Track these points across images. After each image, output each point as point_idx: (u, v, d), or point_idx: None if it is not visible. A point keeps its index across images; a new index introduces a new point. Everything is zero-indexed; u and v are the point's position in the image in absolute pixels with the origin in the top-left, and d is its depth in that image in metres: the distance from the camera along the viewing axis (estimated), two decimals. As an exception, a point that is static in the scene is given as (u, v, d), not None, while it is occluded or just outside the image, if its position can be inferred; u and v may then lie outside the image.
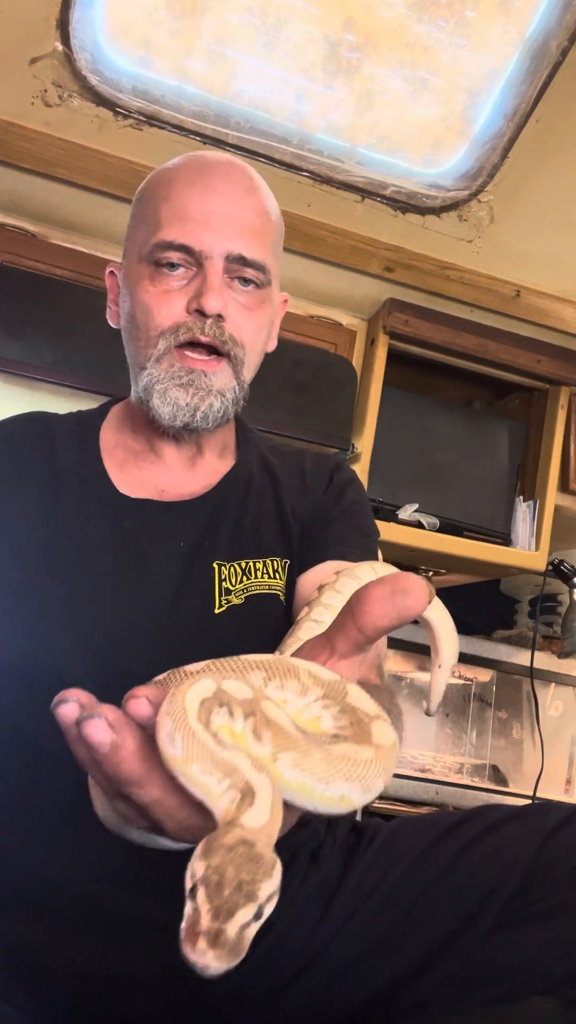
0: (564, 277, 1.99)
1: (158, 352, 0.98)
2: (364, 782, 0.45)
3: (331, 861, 0.98)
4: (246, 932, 0.39)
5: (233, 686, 0.45)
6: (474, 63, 1.66)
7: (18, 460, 1.04)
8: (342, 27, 1.60)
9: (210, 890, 0.39)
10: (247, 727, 0.45)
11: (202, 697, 0.45)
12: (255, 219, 1.00)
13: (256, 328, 1.01)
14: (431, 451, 2.10)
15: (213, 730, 0.44)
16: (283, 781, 0.44)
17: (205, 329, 0.97)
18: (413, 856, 0.96)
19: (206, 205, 0.98)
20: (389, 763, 0.46)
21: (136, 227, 1.04)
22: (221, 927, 0.38)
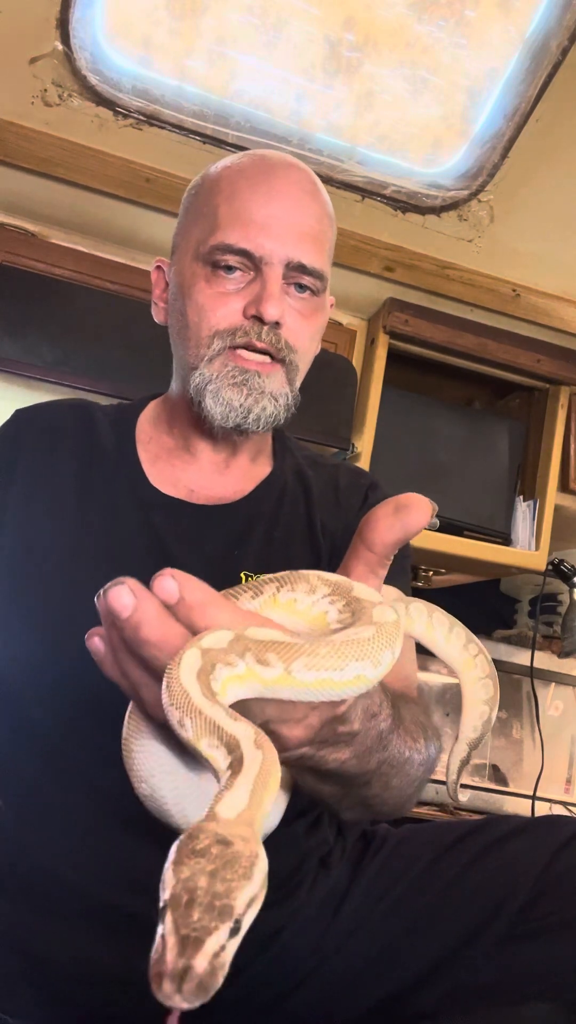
0: (564, 277, 1.99)
1: (212, 352, 0.97)
2: (372, 658, 0.48)
3: (340, 869, 0.98)
4: (219, 959, 0.36)
5: (213, 639, 0.46)
6: (474, 63, 1.66)
7: (57, 442, 1.03)
8: (342, 27, 1.60)
9: (178, 914, 0.36)
10: (250, 662, 0.46)
11: (196, 670, 0.45)
12: (316, 225, 0.98)
13: (311, 335, 1.01)
14: (431, 451, 2.10)
15: (220, 694, 0.45)
16: (305, 685, 0.46)
17: (262, 335, 0.96)
18: (421, 866, 0.96)
19: (268, 209, 0.96)
20: (392, 638, 0.49)
21: (191, 224, 1.01)
22: (188, 963, 0.35)
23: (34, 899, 0.90)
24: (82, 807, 0.90)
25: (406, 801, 0.81)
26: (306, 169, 1.02)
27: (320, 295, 1.01)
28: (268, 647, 0.46)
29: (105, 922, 0.88)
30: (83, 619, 0.93)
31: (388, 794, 0.75)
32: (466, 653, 0.84)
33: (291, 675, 0.46)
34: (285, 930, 0.92)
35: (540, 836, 0.94)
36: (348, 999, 0.93)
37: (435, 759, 0.84)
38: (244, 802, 0.41)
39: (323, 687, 0.47)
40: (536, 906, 0.89)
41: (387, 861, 0.99)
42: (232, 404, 0.97)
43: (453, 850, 0.96)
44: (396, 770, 0.73)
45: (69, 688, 0.92)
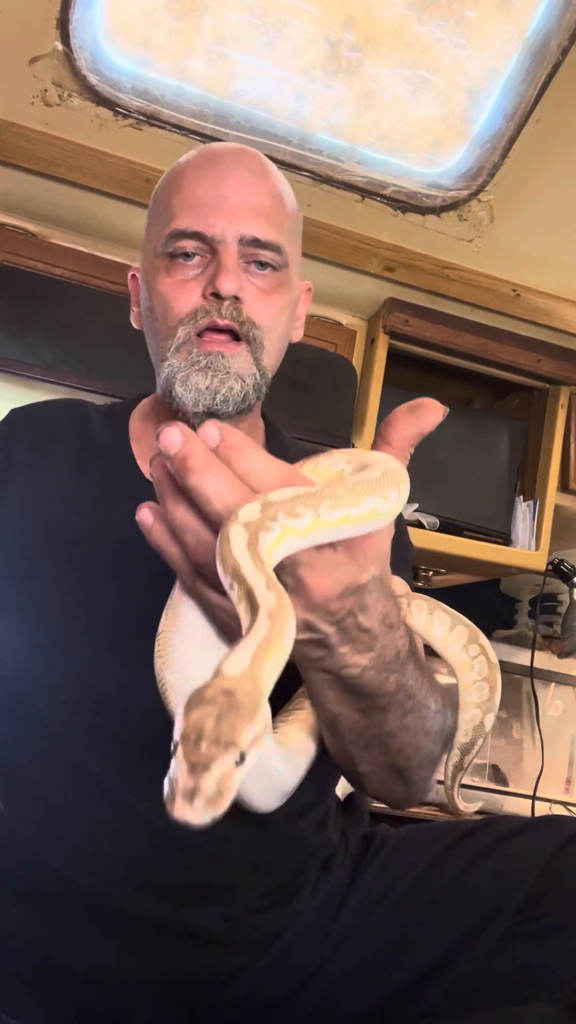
0: (564, 277, 1.99)
1: (178, 341, 0.97)
2: (382, 493, 0.53)
3: (341, 869, 0.98)
4: (227, 782, 0.41)
5: (246, 513, 0.51)
6: (474, 63, 1.66)
7: (52, 438, 1.03)
8: (342, 27, 1.60)
9: (188, 747, 0.41)
10: (283, 521, 0.50)
11: (245, 541, 0.49)
12: (267, 201, 0.99)
13: (275, 312, 0.99)
14: (431, 451, 2.09)
15: (267, 562, 0.49)
16: (331, 525, 0.52)
17: (222, 311, 0.95)
18: (422, 866, 0.96)
19: (217, 191, 0.97)
20: (397, 478, 0.55)
21: (151, 225, 1.03)
22: (198, 784, 0.40)
23: (37, 901, 0.90)
24: (83, 805, 0.90)
25: (423, 764, 0.80)
26: (255, 153, 1.03)
27: (282, 270, 1.00)
28: (295, 502, 0.51)
29: (108, 923, 0.88)
30: (82, 609, 0.94)
31: (405, 737, 0.74)
32: (465, 654, 0.83)
33: (319, 518, 0.51)
34: (286, 932, 0.93)
35: (540, 836, 0.94)
36: (349, 999, 0.93)
37: (451, 729, 0.83)
38: (247, 662, 0.45)
39: (345, 522, 0.53)
40: (536, 906, 0.89)
41: (387, 861, 0.99)
42: (199, 388, 0.96)
43: (453, 850, 0.96)
44: (413, 704, 0.72)
45: (70, 680, 0.92)
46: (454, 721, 0.83)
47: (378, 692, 0.68)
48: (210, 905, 0.89)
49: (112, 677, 0.91)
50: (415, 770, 0.80)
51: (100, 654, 0.91)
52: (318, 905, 0.95)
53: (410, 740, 0.75)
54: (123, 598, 0.94)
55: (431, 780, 0.85)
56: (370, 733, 0.73)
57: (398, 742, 0.75)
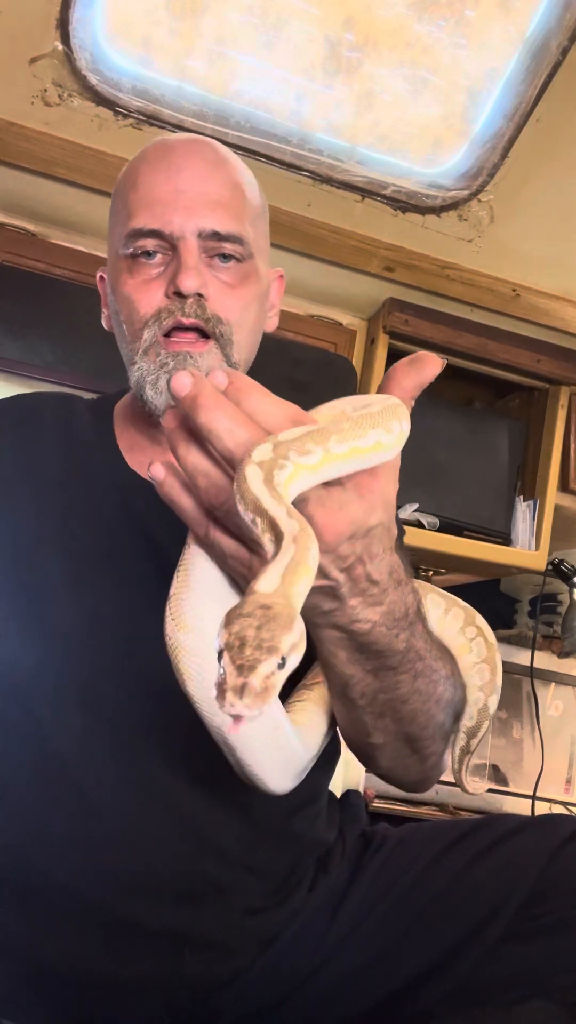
0: (564, 277, 1.99)
1: (145, 344, 0.95)
2: (384, 425, 0.56)
3: (339, 869, 0.98)
4: (271, 680, 0.44)
5: (260, 453, 0.53)
6: (474, 63, 1.66)
7: (37, 430, 1.03)
8: (342, 27, 1.60)
9: (233, 653, 0.44)
10: (295, 459, 0.53)
11: (261, 478, 0.51)
12: (225, 192, 0.96)
13: (242, 305, 0.97)
14: (431, 451, 2.09)
15: (284, 495, 0.52)
16: (341, 458, 0.54)
17: (186, 310, 0.93)
18: (421, 866, 0.96)
19: (171, 185, 0.95)
20: (398, 412, 0.58)
21: (112, 226, 1.02)
22: (246, 680, 0.43)
23: (29, 904, 0.89)
24: (72, 806, 0.89)
25: (435, 735, 0.80)
26: (209, 142, 1.01)
27: (247, 261, 0.97)
28: (305, 439, 0.53)
29: (101, 926, 0.87)
30: (70, 600, 0.93)
31: (417, 702, 0.75)
32: (463, 636, 0.84)
33: (329, 452, 0.53)
34: (284, 932, 0.92)
35: (540, 835, 0.94)
36: (349, 999, 0.93)
37: (460, 701, 0.84)
38: (278, 581, 0.48)
39: (353, 455, 0.55)
40: (536, 905, 0.89)
41: (387, 861, 0.98)
42: (168, 390, 0.94)
43: (453, 849, 0.96)
44: (423, 667, 0.73)
45: (60, 675, 0.91)
46: (463, 694, 0.84)
47: (389, 650, 0.69)
48: (204, 907, 0.89)
49: (103, 673, 0.91)
50: (427, 741, 0.80)
51: (92, 649, 0.91)
52: (316, 905, 0.94)
53: (422, 706, 0.76)
54: (113, 589, 0.93)
55: (443, 758, 0.86)
56: (383, 698, 0.73)
57: (410, 708, 0.75)
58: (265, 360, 1.09)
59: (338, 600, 0.64)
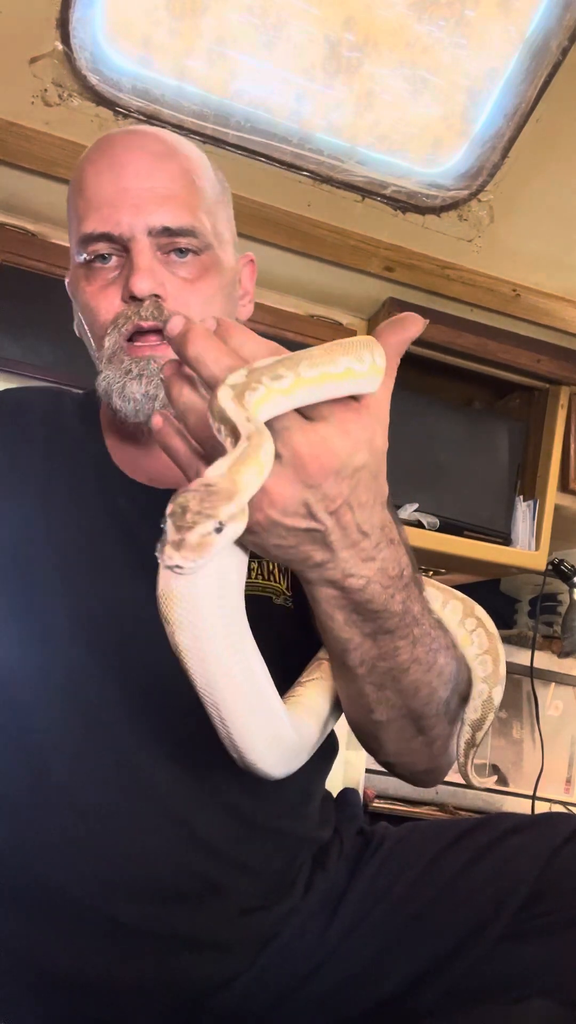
0: (564, 277, 1.98)
1: (108, 352, 0.94)
2: (355, 354, 0.58)
3: (337, 868, 0.98)
4: (207, 539, 0.48)
5: (234, 379, 0.55)
6: (474, 63, 1.66)
7: (25, 424, 1.02)
8: (342, 27, 1.60)
9: (175, 518, 0.49)
10: (267, 383, 0.55)
11: (231, 396, 0.54)
12: (173, 184, 0.93)
13: (204, 299, 0.95)
14: (431, 451, 2.09)
15: (252, 408, 0.54)
16: (312, 382, 0.56)
17: (142, 313, 0.91)
18: (421, 865, 0.95)
19: (116, 184, 0.93)
20: (368, 344, 0.60)
21: (69, 233, 1.00)
22: (183, 537, 0.48)
23: (24, 907, 0.89)
24: (63, 810, 0.89)
25: (439, 712, 0.80)
26: (154, 132, 0.98)
27: (205, 253, 0.95)
28: (277, 365, 0.56)
29: (96, 929, 0.87)
30: (57, 599, 0.92)
31: (417, 672, 0.74)
32: (463, 629, 0.84)
33: (300, 376, 0.55)
34: (282, 931, 0.92)
35: (540, 834, 0.94)
36: (348, 999, 0.92)
37: (464, 681, 0.83)
38: (225, 469, 0.51)
39: (325, 380, 0.57)
40: (536, 905, 0.89)
41: (386, 860, 0.98)
42: (136, 397, 0.93)
43: (452, 849, 0.95)
44: (420, 633, 0.73)
45: (44, 675, 0.91)
46: (468, 675, 0.83)
47: (385, 611, 0.69)
48: (199, 907, 0.89)
49: (92, 673, 0.90)
50: (432, 720, 0.80)
51: (80, 649, 0.91)
52: (314, 905, 0.94)
53: (423, 676, 0.75)
54: (98, 588, 0.93)
55: (450, 745, 0.86)
56: (383, 666, 0.73)
57: (412, 679, 0.75)
58: (265, 360, 1.09)
59: (329, 550, 0.64)
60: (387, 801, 2.18)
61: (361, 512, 0.64)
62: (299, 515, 0.61)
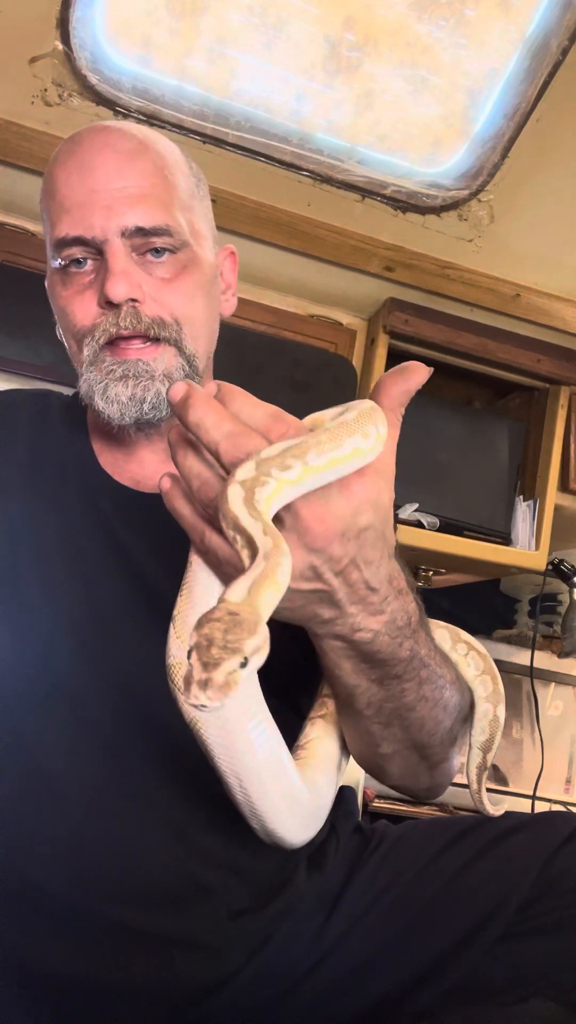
0: (564, 277, 1.99)
1: (87, 359, 0.92)
2: (361, 431, 0.58)
3: (334, 866, 0.97)
4: (233, 676, 0.47)
5: (243, 472, 0.56)
6: (474, 62, 1.66)
7: (10, 426, 1.01)
8: (342, 26, 1.60)
9: (200, 651, 0.48)
10: (276, 475, 0.55)
11: (242, 498, 0.54)
12: (144, 182, 0.91)
13: (185, 297, 0.92)
14: (431, 451, 2.09)
15: (264, 512, 0.55)
16: (320, 470, 0.56)
17: (120, 321, 0.89)
18: (420, 864, 0.95)
19: (85, 186, 0.90)
20: (372, 416, 0.60)
21: (44, 236, 0.97)
22: (210, 676, 0.47)
23: (13, 909, 0.88)
24: (54, 810, 0.88)
25: (443, 741, 0.80)
26: (122, 128, 0.94)
27: (182, 250, 0.92)
28: (285, 455, 0.56)
29: (90, 931, 0.86)
30: (42, 601, 0.92)
31: (424, 709, 0.74)
32: (455, 654, 0.85)
33: (308, 465, 0.56)
34: (276, 932, 0.91)
35: (539, 833, 0.94)
36: (346, 999, 0.92)
37: (467, 707, 0.84)
38: (245, 592, 0.51)
39: (333, 465, 0.57)
40: (536, 904, 0.88)
41: (384, 859, 0.98)
42: (121, 399, 0.91)
43: (452, 848, 0.95)
44: (428, 674, 0.73)
45: (32, 677, 0.90)
46: (470, 697, 0.84)
47: (392, 659, 0.69)
48: (190, 909, 0.88)
49: (73, 671, 0.90)
50: (436, 748, 0.80)
51: (60, 649, 0.90)
52: (310, 904, 0.93)
53: (429, 712, 0.75)
54: (83, 591, 0.92)
55: (452, 764, 0.86)
56: (389, 707, 0.73)
57: (418, 715, 0.75)
58: (265, 360, 1.09)
59: (337, 608, 0.64)
60: (387, 801, 2.18)
61: (368, 569, 0.63)
62: (305, 579, 0.61)
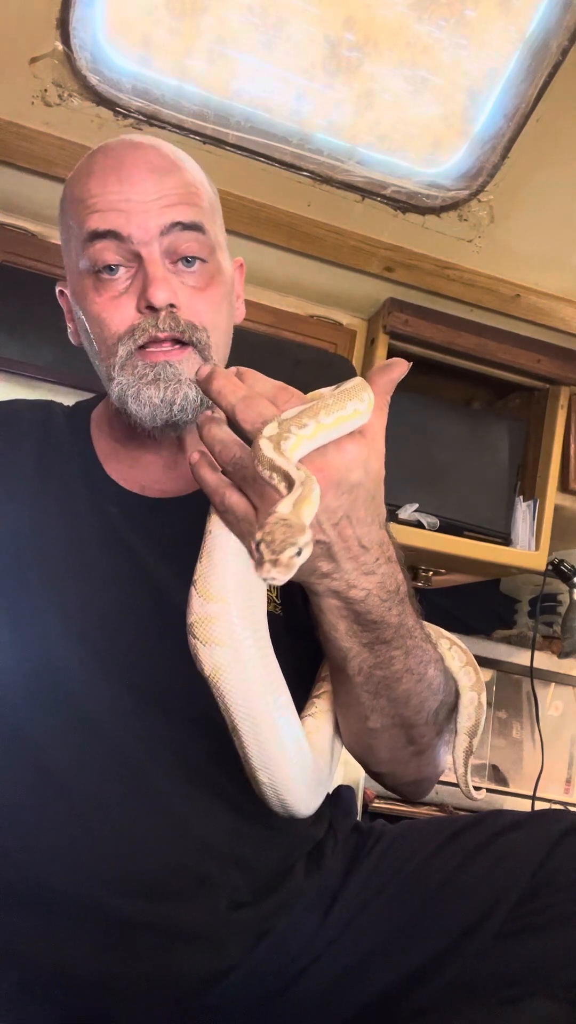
0: (564, 277, 1.99)
1: (120, 359, 0.95)
2: (357, 396, 0.72)
3: (332, 863, 0.98)
4: (293, 560, 0.60)
5: (269, 430, 0.68)
6: (474, 63, 1.66)
7: (14, 436, 1.03)
8: (342, 26, 1.60)
9: (267, 544, 0.61)
10: (295, 431, 0.68)
11: (272, 447, 0.67)
12: (181, 189, 0.96)
13: (213, 306, 0.98)
14: (431, 451, 2.09)
15: (289, 453, 0.67)
16: (329, 427, 0.70)
17: (159, 324, 0.93)
18: (418, 861, 0.96)
19: (122, 194, 0.94)
20: (366, 386, 0.74)
21: (66, 240, 1.01)
22: (277, 557, 0.60)
23: (15, 902, 0.89)
24: (61, 808, 0.89)
25: (428, 721, 0.85)
26: (153, 145, 0.99)
27: (211, 260, 0.97)
28: (301, 416, 0.69)
29: (93, 923, 0.87)
30: (46, 609, 0.94)
31: (409, 683, 0.81)
32: (440, 648, 0.91)
33: (320, 423, 0.69)
34: (276, 926, 0.93)
35: (535, 830, 0.94)
36: (345, 995, 0.93)
37: (451, 693, 0.89)
38: (290, 507, 0.63)
39: (338, 423, 0.70)
40: (533, 901, 0.89)
41: (382, 856, 0.99)
42: (153, 402, 0.94)
43: (449, 845, 0.96)
44: (413, 644, 0.81)
45: (37, 678, 0.92)
46: (455, 687, 0.91)
47: (382, 622, 0.77)
48: (191, 901, 0.89)
49: (76, 674, 0.92)
50: (422, 729, 0.86)
51: (65, 650, 0.92)
52: (309, 900, 0.94)
53: (415, 687, 0.82)
54: (90, 595, 0.94)
55: (439, 759, 0.91)
56: (378, 674, 0.80)
57: (404, 687, 0.82)
58: (265, 360, 1.09)
59: (333, 561, 0.73)
60: (387, 801, 2.18)
61: (360, 527, 0.73)
62: None
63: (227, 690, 0.76)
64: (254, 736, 0.77)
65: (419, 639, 0.82)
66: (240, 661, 0.75)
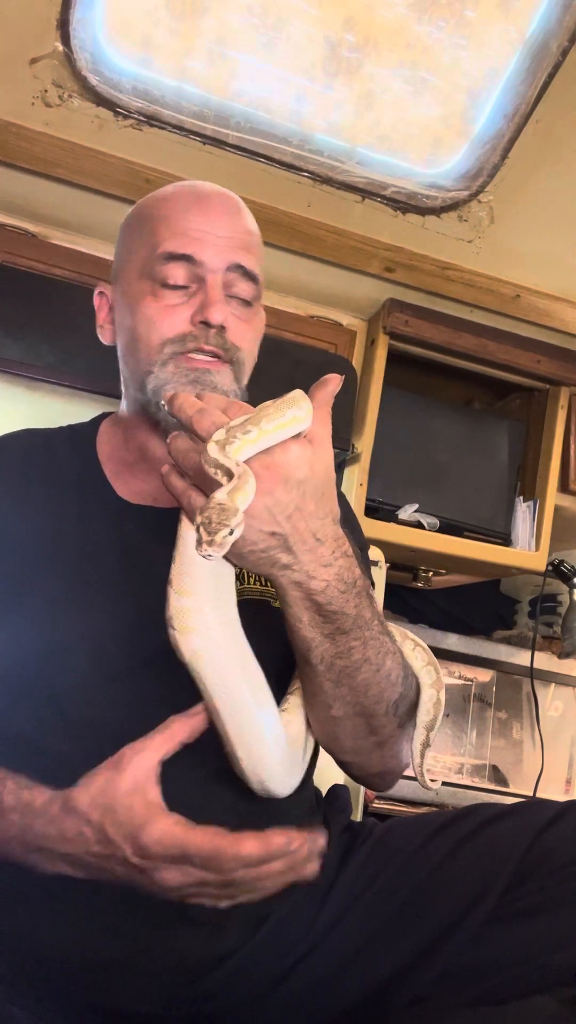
0: (564, 277, 1.99)
1: (164, 357, 1.03)
2: (295, 405, 0.79)
3: (327, 858, 0.98)
4: (227, 539, 0.70)
5: (218, 435, 0.76)
6: (474, 63, 1.66)
7: (23, 466, 1.08)
8: (342, 27, 1.60)
9: (204, 526, 0.70)
10: (240, 437, 0.76)
11: (218, 450, 0.75)
12: (247, 237, 1.08)
13: (252, 338, 1.09)
14: (431, 451, 2.09)
15: (233, 455, 0.75)
16: (270, 432, 0.77)
17: (209, 339, 1.02)
18: (408, 852, 0.99)
19: (203, 225, 1.05)
20: (304, 396, 0.80)
21: (132, 249, 1.09)
22: (212, 538, 0.69)
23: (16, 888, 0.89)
24: None
25: (388, 711, 0.90)
26: (231, 193, 1.12)
27: (254, 304, 1.09)
28: (246, 423, 0.76)
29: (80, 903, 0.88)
30: (63, 621, 0.96)
31: (368, 672, 0.87)
32: (404, 648, 0.96)
33: (262, 429, 0.76)
34: (276, 912, 0.94)
35: (523, 819, 0.97)
36: (341, 985, 0.94)
37: (410, 688, 0.93)
38: (227, 494, 0.72)
39: (279, 429, 0.77)
40: (521, 886, 0.92)
41: (374, 849, 1.01)
42: None
43: (439, 835, 0.99)
44: (371, 635, 0.86)
45: (49, 683, 0.94)
46: (416, 684, 0.96)
47: (341, 612, 0.83)
48: None
49: (99, 682, 0.94)
50: (381, 719, 0.90)
51: (87, 661, 0.95)
52: (305, 892, 0.95)
53: (373, 676, 0.87)
54: (110, 607, 0.98)
55: (401, 752, 0.96)
56: (339, 664, 0.85)
57: (363, 677, 0.87)
58: (265, 361, 1.11)
59: (291, 552, 0.79)
60: (387, 802, 2.18)
61: (312, 520, 0.79)
62: (263, 520, 0.77)
63: (204, 673, 0.82)
64: (231, 715, 0.84)
65: (376, 631, 0.87)
66: (214, 646, 0.83)
